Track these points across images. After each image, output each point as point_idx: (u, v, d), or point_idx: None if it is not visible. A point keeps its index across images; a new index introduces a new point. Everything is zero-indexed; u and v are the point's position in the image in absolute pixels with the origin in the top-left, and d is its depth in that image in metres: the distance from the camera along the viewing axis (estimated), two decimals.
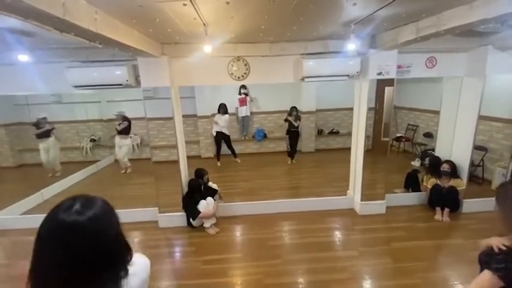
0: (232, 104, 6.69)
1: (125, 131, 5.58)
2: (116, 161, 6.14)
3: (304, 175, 5.44)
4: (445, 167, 3.60)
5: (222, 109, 5.93)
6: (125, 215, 3.66)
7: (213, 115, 6.72)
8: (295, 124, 5.85)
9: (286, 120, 5.95)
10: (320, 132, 7.15)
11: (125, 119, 5.56)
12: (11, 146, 5.98)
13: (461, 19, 2.07)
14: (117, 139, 5.61)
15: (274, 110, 7.01)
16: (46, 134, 5.22)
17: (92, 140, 6.53)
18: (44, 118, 5.19)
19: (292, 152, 6.10)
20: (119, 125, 5.49)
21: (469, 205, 3.59)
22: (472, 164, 3.77)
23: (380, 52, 3.21)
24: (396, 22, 2.57)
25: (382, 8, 2.02)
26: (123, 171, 5.79)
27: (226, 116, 5.97)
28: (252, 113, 6.92)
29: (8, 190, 4.89)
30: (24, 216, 3.85)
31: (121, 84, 3.19)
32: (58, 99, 6.13)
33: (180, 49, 3.15)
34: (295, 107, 5.97)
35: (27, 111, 5.82)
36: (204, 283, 2.53)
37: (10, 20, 1.44)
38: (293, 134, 5.97)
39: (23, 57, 2.76)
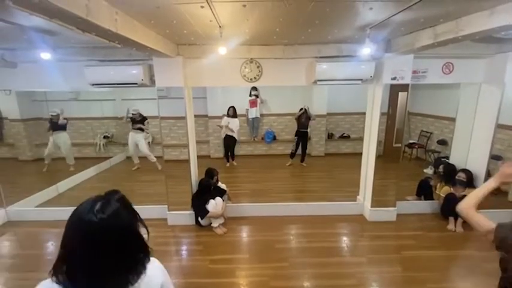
0: (242, 106, 6.73)
1: (140, 124, 5.67)
2: (128, 157, 6.27)
3: (313, 179, 5.40)
4: (461, 176, 3.50)
5: (232, 112, 5.96)
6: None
7: (224, 116, 6.77)
8: (306, 124, 5.82)
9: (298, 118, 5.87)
10: (330, 136, 7.09)
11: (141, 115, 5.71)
12: (28, 141, 6.19)
13: (481, 25, 2.03)
14: (131, 135, 5.69)
15: (284, 112, 7.00)
16: (61, 127, 5.37)
17: (106, 137, 6.69)
18: (58, 114, 5.33)
19: (302, 154, 6.07)
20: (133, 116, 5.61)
21: (484, 216, 3.47)
22: (488, 174, 3.66)
23: (395, 57, 3.16)
24: (413, 27, 2.53)
25: (399, 12, 1.99)
26: (134, 168, 5.90)
27: (237, 120, 5.99)
28: (261, 115, 6.94)
29: (25, 183, 5.07)
30: (39, 208, 3.98)
31: (136, 83, 3.27)
32: (75, 96, 6.32)
33: (194, 50, 3.20)
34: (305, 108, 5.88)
35: (45, 107, 6.01)
36: (210, 282, 2.54)
37: (35, 19, 1.50)
38: (302, 135, 5.94)
39: (46, 55, 2.86)
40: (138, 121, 5.68)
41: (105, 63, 3.26)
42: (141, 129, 5.72)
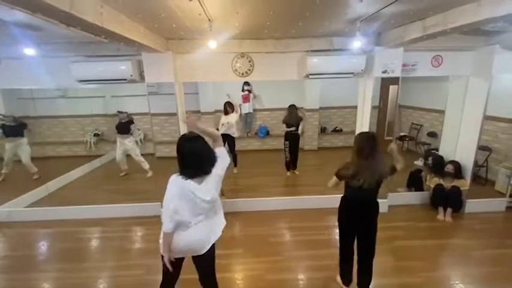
0: (235, 101, 6.68)
1: (126, 130, 4.97)
2: None
3: (307, 173, 5.43)
4: (449, 168, 3.57)
5: (230, 107, 5.20)
6: (128, 209, 3.73)
7: (216, 111, 6.70)
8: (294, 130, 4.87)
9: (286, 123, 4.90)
10: (323, 130, 7.13)
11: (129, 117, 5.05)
12: None
13: (469, 17, 2.05)
14: (119, 140, 5.01)
15: (277, 107, 6.99)
16: (16, 133, 4.88)
17: (96, 135, 6.57)
18: (8, 117, 4.87)
19: (293, 160, 5.17)
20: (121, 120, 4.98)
21: (472, 205, 3.57)
22: (476, 165, 3.75)
23: (385, 50, 3.18)
24: (403, 19, 2.54)
25: (389, 5, 2.00)
26: (122, 174, 5.29)
27: (235, 115, 5.23)
28: (254, 110, 6.92)
29: (13, 183, 4.95)
30: (29, 209, 3.90)
31: (125, 79, 3.21)
32: (63, 93, 6.16)
33: (184, 45, 3.15)
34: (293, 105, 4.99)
35: (32, 105, 5.86)
36: None
37: (18, 14, 1.45)
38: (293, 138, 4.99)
39: (30, 51, 2.77)
40: (125, 123, 4.96)
41: (93, 59, 3.19)
42: (129, 132, 4.98)
